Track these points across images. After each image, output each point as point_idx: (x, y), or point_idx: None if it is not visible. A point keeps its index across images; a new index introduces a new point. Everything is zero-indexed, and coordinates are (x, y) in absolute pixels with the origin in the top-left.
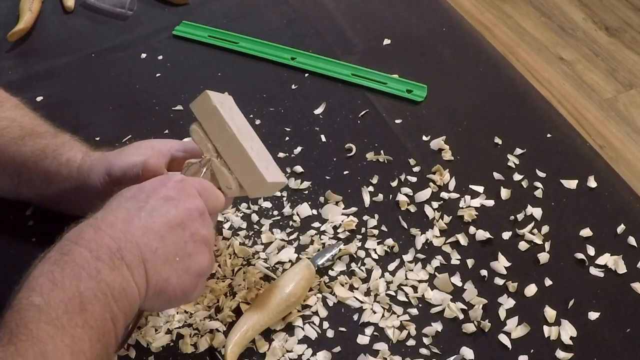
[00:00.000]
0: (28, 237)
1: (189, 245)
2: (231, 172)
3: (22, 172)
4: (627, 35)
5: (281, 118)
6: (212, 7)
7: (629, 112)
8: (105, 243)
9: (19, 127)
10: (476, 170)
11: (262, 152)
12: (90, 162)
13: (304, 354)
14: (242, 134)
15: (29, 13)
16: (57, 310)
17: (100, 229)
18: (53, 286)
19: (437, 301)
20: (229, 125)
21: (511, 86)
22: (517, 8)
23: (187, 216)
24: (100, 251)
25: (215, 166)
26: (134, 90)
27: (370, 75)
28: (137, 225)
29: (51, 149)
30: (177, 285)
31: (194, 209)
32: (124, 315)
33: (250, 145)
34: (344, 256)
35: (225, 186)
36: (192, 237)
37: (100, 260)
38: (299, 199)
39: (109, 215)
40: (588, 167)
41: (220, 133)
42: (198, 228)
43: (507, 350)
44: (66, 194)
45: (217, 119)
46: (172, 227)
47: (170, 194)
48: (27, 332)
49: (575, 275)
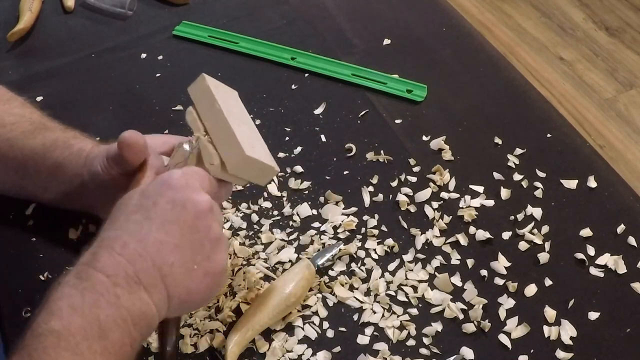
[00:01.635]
0: (28, 237)
1: (205, 248)
2: (215, 149)
3: (28, 164)
4: (627, 35)
5: (281, 118)
6: (212, 7)
7: (629, 112)
8: (122, 267)
9: (28, 122)
10: (476, 170)
11: (254, 135)
12: (97, 150)
13: (304, 354)
14: (232, 114)
15: (29, 13)
16: (76, 337)
17: (114, 250)
18: (72, 312)
19: (437, 301)
20: (217, 102)
21: (511, 86)
22: (517, 8)
23: (197, 216)
24: (117, 276)
25: (202, 144)
26: (134, 90)
27: (370, 75)
28: (150, 241)
29: (62, 140)
30: (200, 291)
31: (202, 206)
32: (141, 337)
33: (238, 124)
34: (344, 256)
35: (209, 162)
36: (207, 237)
37: (118, 286)
38: (299, 199)
39: (121, 234)
40: (588, 167)
41: (209, 110)
42: (210, 225)
43: (507, 350)
44: (71, 186)
45: (208, 98)
46: (185, 233)
47: (176, 197)
48: (46, 357)
49: (575, 275)
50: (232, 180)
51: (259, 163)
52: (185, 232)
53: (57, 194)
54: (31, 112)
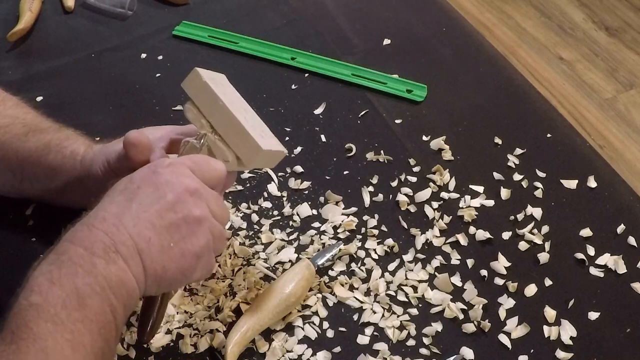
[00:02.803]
0: (28, 237)
1: (182, 229)
2: (227, 145)
3: (25, 167)
4: (627, 35)
5: (281, 118)
6: (212, 7)
7: (629, 112)
8: (99, 239)
9: (21, 124)
10: (476, 170)
11: (257, 122)
12: (92, 152)
13: (304, 354)
14: (235, 106)
15: (29, 13)
16: (55, 307)
17: (93, 225)
18: (51, 285)
19: (437, 301)
20: (220, 98)
21: (511, 86)
22: (517, 8)
23: (177, 199)
24: (94, 247)
25: (210, 141)
26: (134, 90)
27: (370, 75)
28: (129, 217)
29: (55, 143)
30: (176, 270)
31: (183, 190)
32: (123, 307)
33: (244, 116)
34: (344, 256)
35: (223, 159)
36: (185, 219)
37: (95, 256)
38: (299, 199)
39: (101, 211)
40: (588, 167)
41: (212, 107)
42: (190, 209)
43: (507, 350)
44: (70, 187)
45: (209, 94)
46: (163, 214)
47: (160, 181)
48: (27, 330)
49: (575, 275)
50: (244, 169)
51: (272, 152)
52: (163, 213)
53: (56, 195)
54: (25, 113)
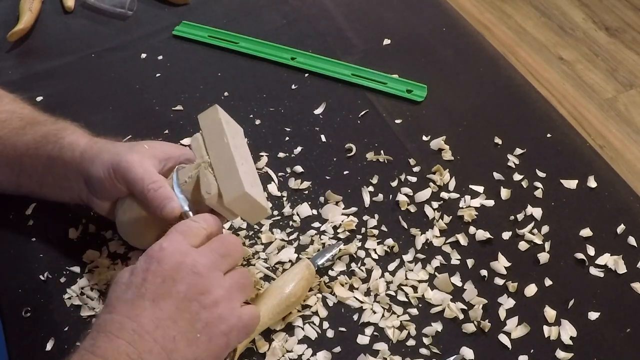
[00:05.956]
0: (28, 237)
1: (202, 316)
2: (215, 179)
3: (23, 160)
4: (627, 35)
5: (281, 118)
6: (212, 7)
7: (629, 112)
8: (122, 350)
9: (19, 118)
10: (476, 170)
11: (253, 174)
12: (96, 149)
13: (304, 354)
14: (237, 151)
15: (29, 13)
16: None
17: (112, 334)
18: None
19: (437, 301)
20: (227, 136)
21: (511, 86)
22: (517, 8)
23: (188, 286)
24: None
25: (202, 171)
26: (134, 90)
27: (370, 75)
28: (147, 319)
29: (52, 133)
30: (208, 356)
31: (189, 273)
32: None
33: (242, 162)
34: (344, 256)
35: (206, 191)
36: (202, 306)
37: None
38: (299, 199)
39: (115, 316)
40: (588, 167)
41: (216, 142)
42: (203, 291)
43: (507, 350)
44: (67, 180)
45: (218, 130)
46: (180, 307)
47: (164, 269)
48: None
49: (575, 275)
50: (223, 213)
51: (254, 202)
52: (179, 304)
53: (53, 188)
54: (22, 108)
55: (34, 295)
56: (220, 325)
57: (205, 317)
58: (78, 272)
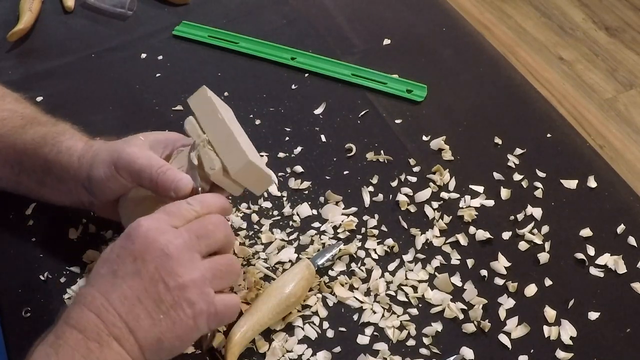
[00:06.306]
0: (28, 237)
1: (166, 297)
2: (216, 154)
3: (23, 160)
4: (627, 35)
5: (281, 118)
6: (212, 7)
7: (629, 112)
8: (91, 321)
9: (20, 117)
10: (476, 170)
11: (251, 146)
12: (93, 152)
13: (304, 354)
14: (232, 125)
15: (29, 13)
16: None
17: (84, 305)
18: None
19: (437, 301)
20: (219, 112)
21: (511, 86)
22: (517, 8)
23: (157, 267)
24: (88, 330)
25: (202, 150)
26: (134, 90)
27: (370, 75)
28: (115, 295)
29: (51, 136)
30: (172, 338)
31: (160, 255)
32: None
33: (239, 134)
34: (344, 256)
35: (209, 167)
36: (168, 288)
37: (90, 340)
38: (299, 199)
39: (90, 289)
40: (588, 167)
41: (211, 120)
42: (171, 273)
43: (507, 350)
44: (65, 184)
45: (210, 108)
46: (147, 287)
47: (136, 249)
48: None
49: (575, 275)
50: (229, 188)
51: (259, 170)
52: (147, 284)
53: (53, 189)
54: (24, 107)
55: (34, 295)
56: (186, 309)
57: (169, 299)
58: (78, 272)
